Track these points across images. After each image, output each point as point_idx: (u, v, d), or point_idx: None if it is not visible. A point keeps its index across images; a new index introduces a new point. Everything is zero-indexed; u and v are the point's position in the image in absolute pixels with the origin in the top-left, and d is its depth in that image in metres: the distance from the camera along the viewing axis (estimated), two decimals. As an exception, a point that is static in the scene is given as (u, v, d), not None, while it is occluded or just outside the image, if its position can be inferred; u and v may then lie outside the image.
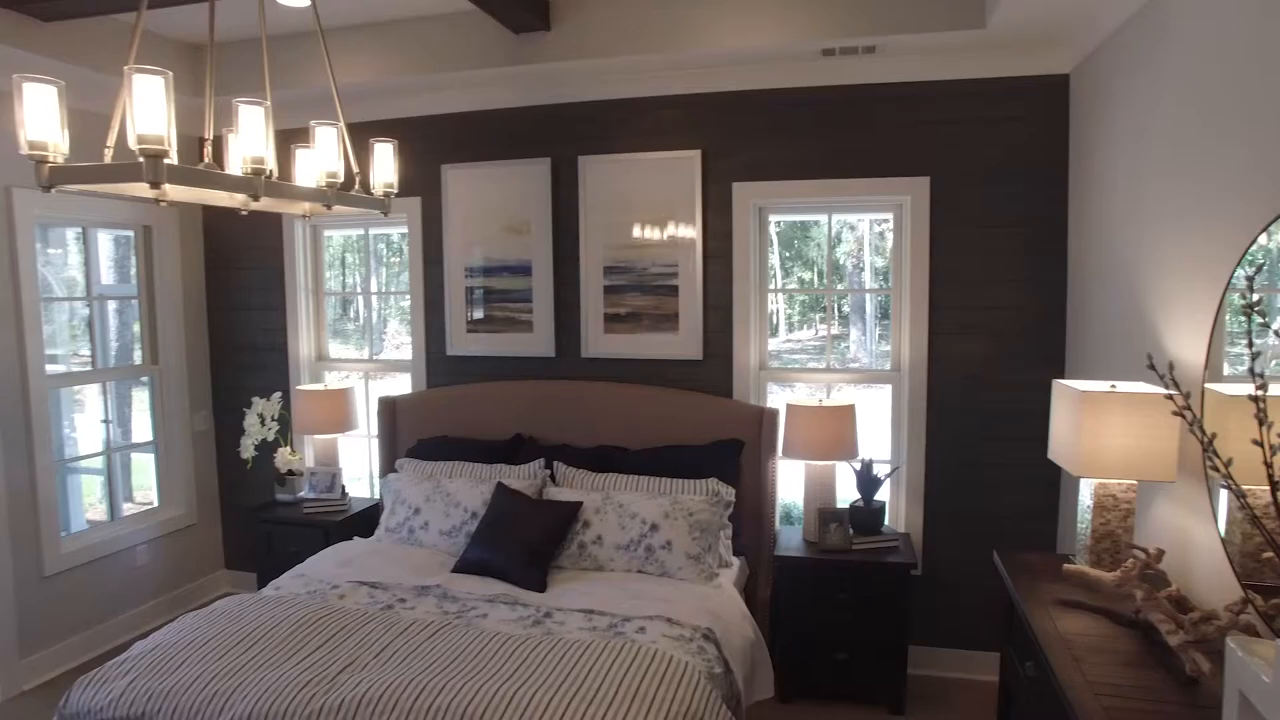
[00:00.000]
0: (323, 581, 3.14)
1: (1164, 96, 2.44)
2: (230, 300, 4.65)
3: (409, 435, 4.10)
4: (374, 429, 4.34)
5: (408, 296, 4.33)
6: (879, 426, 3.82)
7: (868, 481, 3.53)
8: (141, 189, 1.83)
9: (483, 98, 4.00)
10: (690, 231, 3.79)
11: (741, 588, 3.37)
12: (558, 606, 2.90)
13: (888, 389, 3.76)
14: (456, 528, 3.44)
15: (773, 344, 4.15)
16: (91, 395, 5.17)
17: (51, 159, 1.77)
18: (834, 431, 3.44)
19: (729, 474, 3.53)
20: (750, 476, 3.67)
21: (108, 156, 1.92)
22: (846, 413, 3.47)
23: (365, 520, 4.06)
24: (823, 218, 4.00)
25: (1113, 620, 2.05)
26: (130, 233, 4.44)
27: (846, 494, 3.65)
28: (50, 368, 3.95)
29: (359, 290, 4.94)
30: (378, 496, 4.29)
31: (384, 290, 4.73)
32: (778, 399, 3.90)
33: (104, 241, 4.57)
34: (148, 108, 1.69)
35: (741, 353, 3.81)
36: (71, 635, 3.96)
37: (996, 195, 3.48)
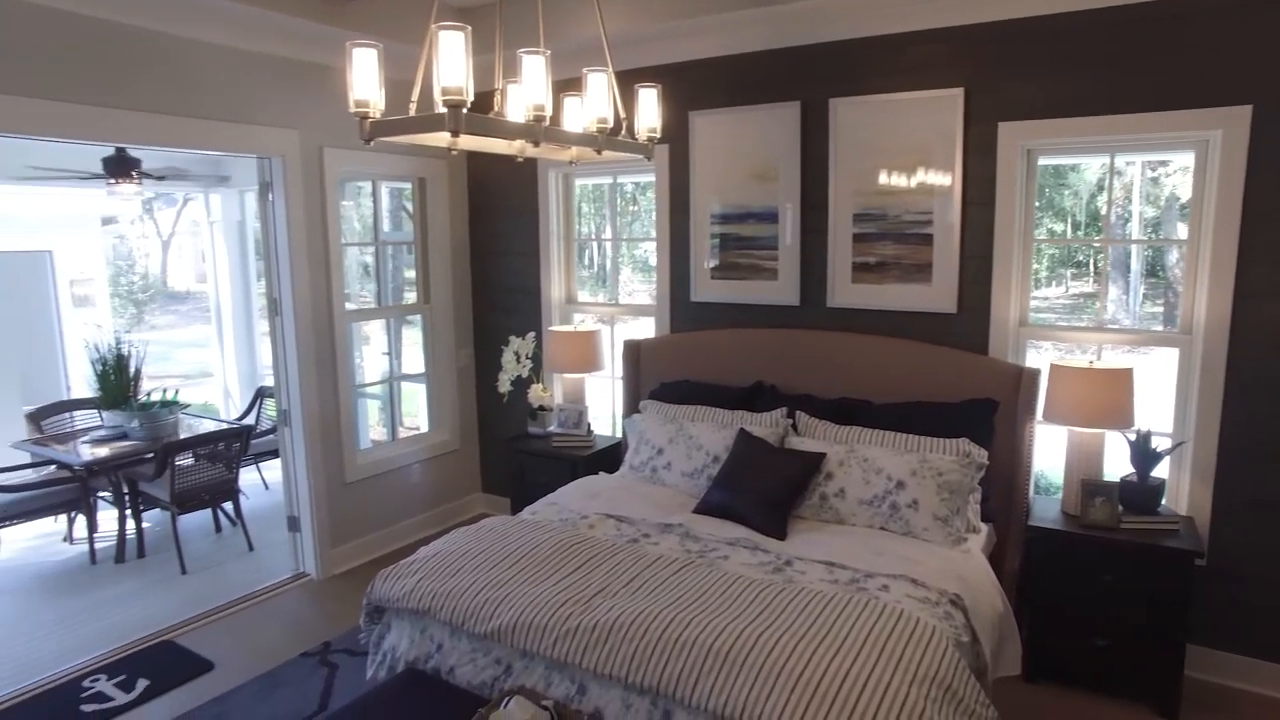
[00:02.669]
0: (573, 511, 3.37)
1: None
2: (490, 246, 5.03)
3: (651, 377, 4.25)
4: (618, 370, 4.55)
5: (640, 244, 4.44)
6: (1155, 395, 3.40)
7: (1144, 455, 3.17)
8: (440, 138, 2.00)
9: (733, 41, 3.95)
10: (948, 176, 3.54)
11: (988, 556, 3.19)
12: (798, 556, 2.90)
13: (1168, 353, 3.33)
14: (698, 470, 3.54)
15: (1034, 299, 3.80)
16: (373, 330, 5.86)
17: (372, 115, 1.98)
18: (1107, 396, 3.11)
19: (981, 435, 3.32)
20: (1004, 439, 3.43)
21: (412, 111, 2.11)
22: (1123, 377, 3.12)
23: (608, 457, 4.30)
24: (1089, 161, 3.56)
25: None
26: (407, 185, 4.92)
27: (1115, 467, 3.31)
28: (346, 305, 4.52)
29: (593, 238, 5.12)
30: (620, 435, 4.51)
31: (619, 238, 4.88)
32: (1034, 359, 3.59)
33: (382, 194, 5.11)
34: (450, 61, 1.84)
35: (1000, 307, 3.53)
36: (365, 534, 4.59)
37: (1343, 127, 2.91)
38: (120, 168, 5.62)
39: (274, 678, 3.39)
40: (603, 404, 4.89)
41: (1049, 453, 3.79)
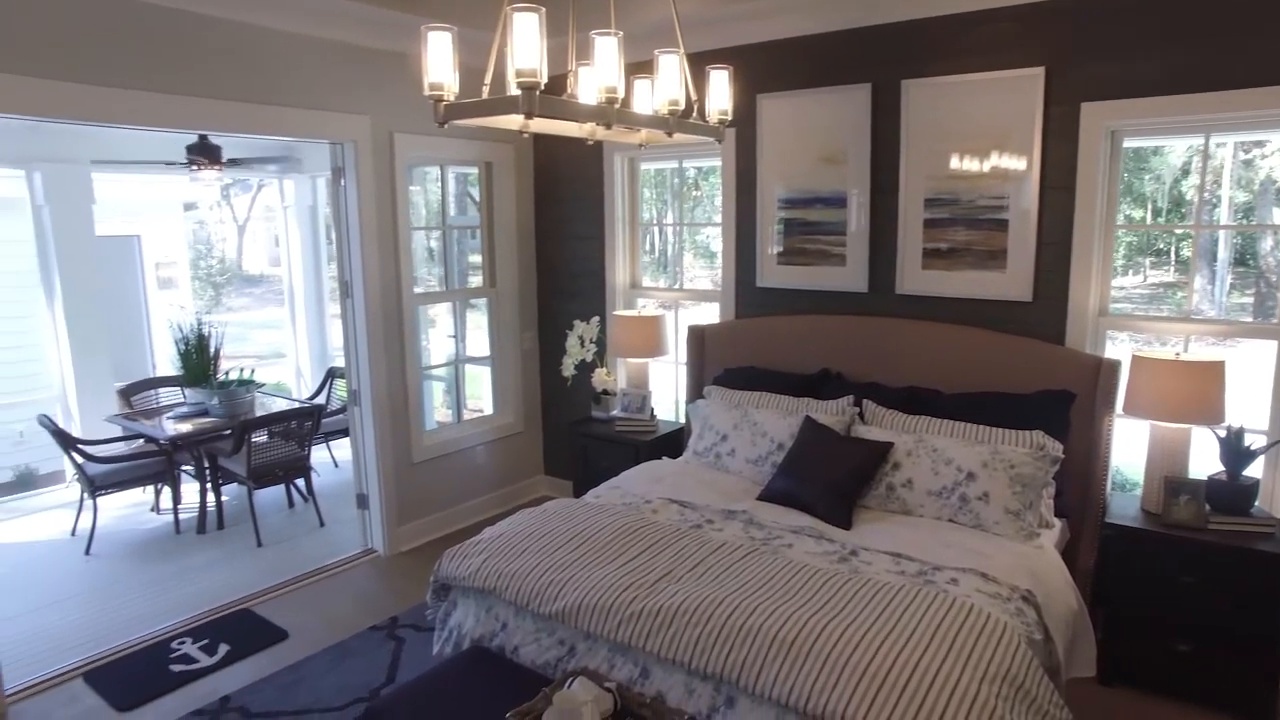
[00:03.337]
0: (636, 495, 3.38)
1: None
2: (556, 230, 5.06)
3: (715, 363, 4.23)
4: (682, 355, 4.54)
5: (702, 230, 4.40)
6: (1247, 390, 3.23)
7: (1236, 453, 3.02)
8: (512, 121, 2.01)
9: (803, 22, 3.87)
10: (1025, 160, 3.42)
11: (1060, 552, 3.09)
12: (864, 546, 2.86)
13: (1262, 345, 3.16)
14: (763, 457, 3.52)
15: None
16: (438, 313, 5.97)
17: (446, 98, 2.00)
18: (1195, 390, 2.97)
19: (1056, 428, 3.21)
20: (1080, 433, 3.31)
21: (485, 94, 2.12)
22: (1213, 370, 2.98)
23: (671, 442, 4.30)
24: (1174, 143, 3.38)
25: None
26: (473, 170, 4.97)
27: (1201, 465, 3.16)
28: (414, 289, 4.60)
29: (655, 223, 5.09)
30: (682, 420, 4.51)
31: (680, 223, 4.85)
32: (1110, 350, 3.45)
33: (448, 179, 5.17)
34: (524, 43, 1.85)
35: (1079, 295, 3.40)
36: (430, 513, 4.69)
37: None
38: (203, 154, 5.82)
39: (344, 649, 3.50)
40: (666, 389, 4.89)
41: (1128, 448, 3.65)
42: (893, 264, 3.80)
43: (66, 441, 4.65)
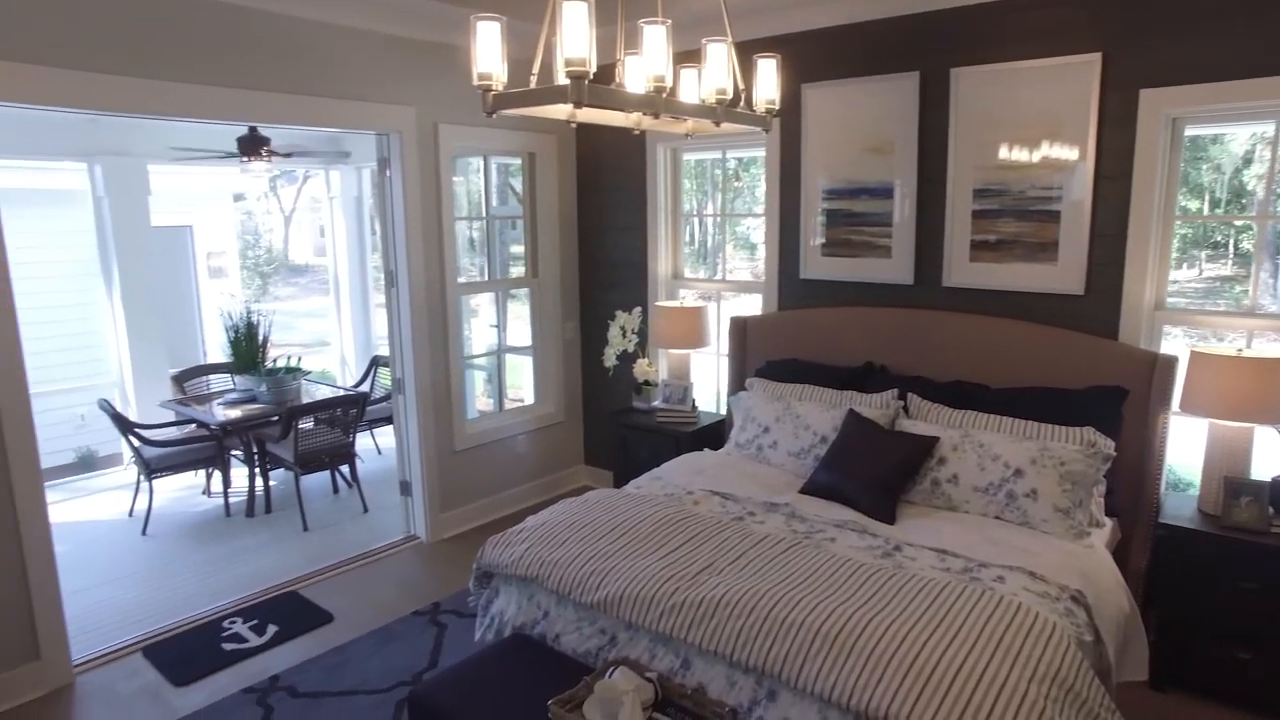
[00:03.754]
0: (678, 487, 3.38)
1: None
2: (597, 221, 5.07)
3: (758, 355, 4.21)
4: (723, 347, 4.51)
5: (742, 221, 4.36)
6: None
7: (1300, 452, 2.92)
8: (560, 110, 2.01)
9: (850, 9, 3.81)
10: (1080, 148, 3.33)
11: (1111, 552, 3.02)
12: (908, 541, 2.82)
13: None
14: (805, 450, 3.49)
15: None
16: (480, 303, 6.02)
17: (494, 88, 2.01)
18: (1259, 388, 2.87)
19: (1108, 425, 3.13)
20: (1133, 430, 3.22)
21: (532, 84, 2.13)
22: (1278, 367, 2.88)
23: (712, 434, 4.29)
24: (1236, 130, 3.26)
25: None
26: (514, 161, 5.00)
27: (1264, 466, 3.06)
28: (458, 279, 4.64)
29: (695, 214, 5.07)
30: (724, 412, 4.49)
31: (721, 214, 4.82)
32: (1168, 345, 3.35)
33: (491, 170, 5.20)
34: (573, 32, 1.84)
35: (1134, 289, 3.31)
36: (471, 501, 4.75)
37: None
38: (253, 146, 5.93)
39: (388, 633, 3.56)
40: (707, 380, 4.88)
41: (1183, 446, 3.54)
42: (939, 256, 3.74)
43: (124, 425, 4.79)
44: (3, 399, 2.98)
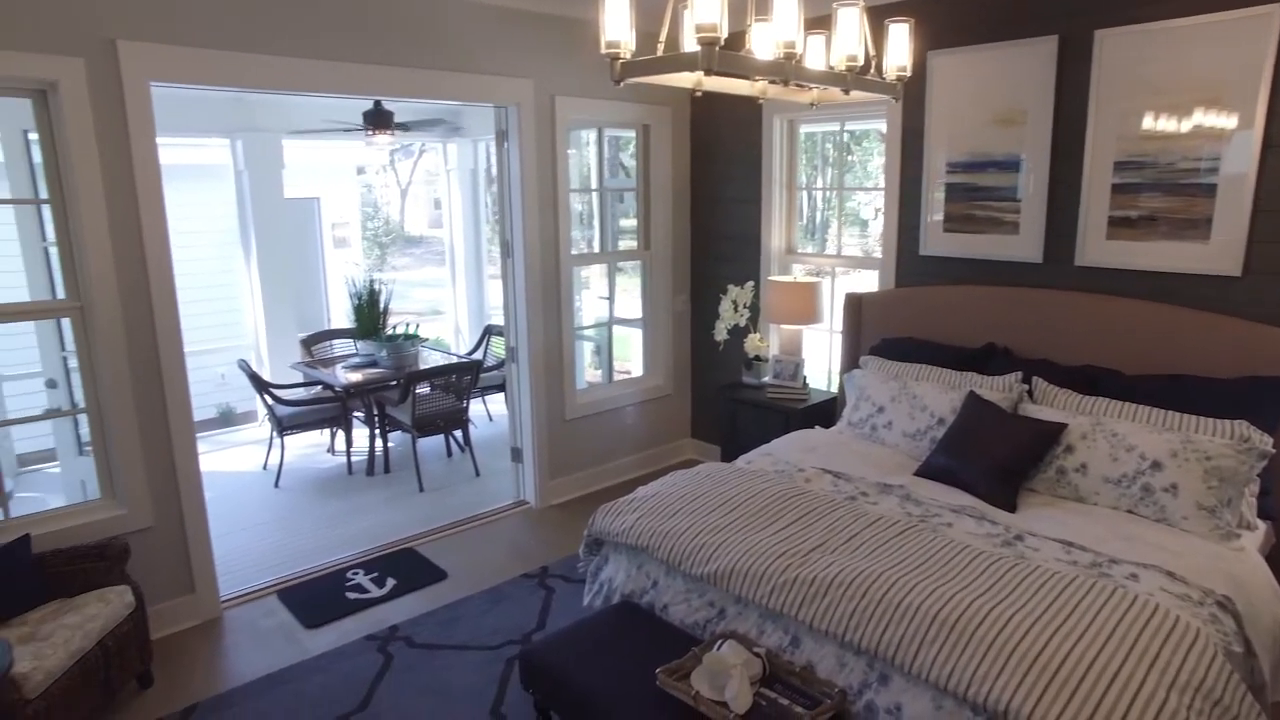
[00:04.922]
0: (789, 463, 3.34)
1: None
2: (711, 193, 5.02)
3: (873, 333, 4.10)
4: (836, 324, 4.41)
5: (854, 196, 4.21)
6: None
7: None
8: (686, 79, 1.99)
9: (986, -29, 3.61)
10: (1241, 115, 3.05)
11: (1265, 557, 2.80)
12: (1030, 531, 2.71)
13: None
14: (921, 431, 3.38)
15: None
16: (590, 275, 6.09)
17: (623, 55, 2.01)
18: None
19: (1266, 419, 2.89)
20: (1292, 425, 2.97)
21: (659, 52, 2.11)
22: None
23: (822, 412, 4.22)
24: None
25: None
26: (625, 134, 4.99)
27: None
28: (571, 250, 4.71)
29: (805, 187, 4.93)
30: (835, 390, 4.41)
31: (836, 188, 4.67)
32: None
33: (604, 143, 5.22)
34: (705, -3, 1.81)
35: (1302, 271, 3.03)
36: (579, 470, 4.84)
37: None
38: (377, 120, 6.16)
39: (498, 593, 3.69)
40: (819, 357, 4.79)
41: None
42: (1072, 233, 3.52)
43: (260, 385, 5.12)
44: (164, 359, 3.25)
